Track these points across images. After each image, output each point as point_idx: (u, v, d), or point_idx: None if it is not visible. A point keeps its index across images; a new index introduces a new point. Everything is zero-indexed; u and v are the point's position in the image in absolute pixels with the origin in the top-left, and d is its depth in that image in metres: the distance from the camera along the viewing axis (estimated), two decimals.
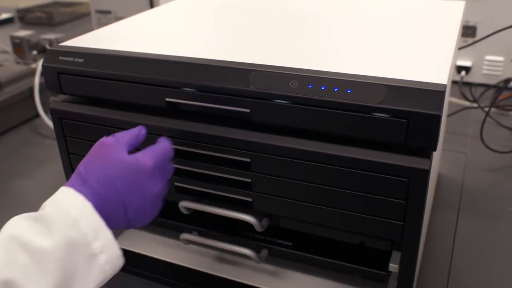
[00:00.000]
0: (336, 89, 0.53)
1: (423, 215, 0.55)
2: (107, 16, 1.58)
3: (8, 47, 1.64)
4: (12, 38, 1.60)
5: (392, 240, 0.63)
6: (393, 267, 0.60)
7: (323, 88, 0.53)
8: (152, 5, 1.51)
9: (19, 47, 1.59)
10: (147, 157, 0.54)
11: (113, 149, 0.53)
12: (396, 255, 0.60)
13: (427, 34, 0.70)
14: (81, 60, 0.65)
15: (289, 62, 0.58)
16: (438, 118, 0.49)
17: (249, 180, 0.61)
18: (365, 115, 0.52)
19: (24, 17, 2.17)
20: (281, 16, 0.81)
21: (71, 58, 0.66)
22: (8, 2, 2.45)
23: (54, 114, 0.69)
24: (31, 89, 1.32)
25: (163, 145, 0.57)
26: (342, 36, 0.70)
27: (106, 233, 0.49)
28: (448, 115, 1.24)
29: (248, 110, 0.57)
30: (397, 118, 0.51)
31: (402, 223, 0.56)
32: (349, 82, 0.53)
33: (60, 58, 0.66)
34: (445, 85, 0.51)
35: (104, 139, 0.54)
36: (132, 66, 0.62)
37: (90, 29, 1.67)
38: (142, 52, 0.63)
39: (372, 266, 0.64)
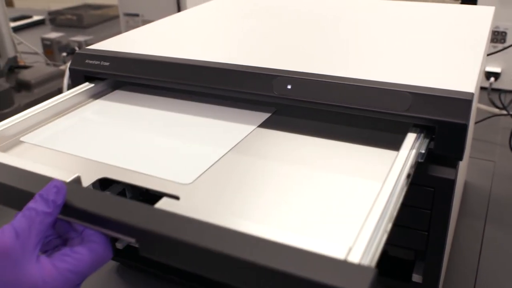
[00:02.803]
0: (360, 96, 0.52)
1: (448, 225, 0.54)
2: (135, 19, 1.60)
3: (39, 49, 1.67)
4: (43, 40, 1.63)
5: (416, 250, 0.62)
6: (417, 277, 0.59)
7: (347, 95, 0.53)
8: (179, 8, 1.52)
9: (50, 49, 1.62)
10: (60, 279, 0.39)
11: (11, 260, 0.37)
12: (420, 265, 0.59)
13: (455, 40, 0.69)
14: (107, 64, 0.66)
15: (314, 69, 0.57)
16: (464, 127, 0.48)
17: None
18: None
19: (55, 19, 2.21)
20: (306, 22, 0.81)
21: (97, 61, 0.66)
22: (40, 5, 2.50)
23: None
24: (60, 91, 1.34)
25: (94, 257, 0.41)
26: (367, 43, 0.69)
27: None
28: (476, 122, 1.22)
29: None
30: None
31: (426, 233, 0.55)
32: (374, 89, 0.52)
33: (86, 61, 0.67)
34: (472, 94, 0.50)
35: (0, 242, 0.37)
36: (157, 70, 0.63)
37: (119, 31, 1.69)
38: (166, 56, 0.64)
39: (395, 276, 0.63)
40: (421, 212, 0.54)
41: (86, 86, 0.67)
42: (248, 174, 0.50)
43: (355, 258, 0.34)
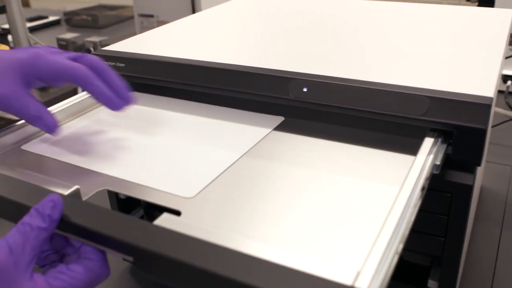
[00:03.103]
0: (377, 100, 0.52)
1: (465, 231, 0.53)
2: (150, 20, 1.60)
3: None
4: (59, 40, 1.64)
5: (432, 256, 0.61)
6: (433, 283, 0.58)
7: (364, 98, 0.52)
8: (194, 9, 1.52)
9: (65, 49, 1.63)
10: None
11: (6, 279, 0.36)
12: (436, 271, 0.58)
13: (473, 43, 0.68)
14: (123, 65, 0.66)
15: (330, 72, 0.57)
16: (483, 133, 0.48)
17: None
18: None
19: (70, 19, 2.22)
20: (322, 25, 0.81)
21: (112, 62, 0.67)
22: (55, 5, 2.52)
23: None
24: (74, 91, 1.35)
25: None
26: (384, 46, 0.69)
27: None
28: (493, 126, 1.21)
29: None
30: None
31: (443, 238, 0.54)
32: (391, 93, 0.52)
33: None
34: (491, 98, 0.49)
35: None
36: (172, 71, 0.63)
37: (134, 32, 1.70)
38: (182, 58, 0.64)
39: (410, 282, 0.62)
40: (438, 217, 0.53)
41: None
42: (256, 181, 0.48)
43: (363, 284, 0.33)
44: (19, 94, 0.50)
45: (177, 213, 0.43)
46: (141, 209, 0.74)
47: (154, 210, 0.73)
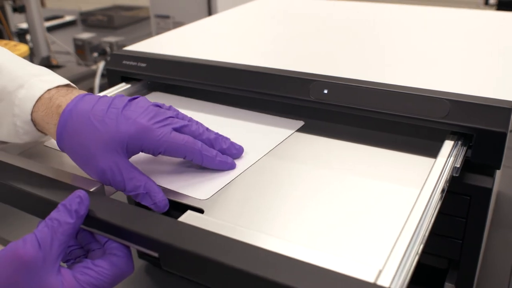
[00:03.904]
0: (398, 103, 0.52)
1: (483, 234, 0.53)
2: (166, 21, 1.61)
3: (71, 49, 1.70)
4: (75, 40, 1.66)
5: (449, 259, 0.62)
6: (449, 286, 0.58)
7: (384, 101, 0.53)
8: (210, 10, 1.53)
9: (81, 49, 1.65)
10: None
11: (32, 272, 0.37)
12: (452, 274, 0.58)
13: (493, 47, 0.68)
14: (144, 65, 0.66)
15: (350, 74, 0.57)
16: (504, 136, 0.48)
17: None
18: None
19: (86, 19, 2.24)
20: (342, 28, 0.81)
21: (134, 62, 0.67)
22: (71, 5, 2.54)
23: None
24: (91, 90, 1.37)
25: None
26: (404, 49, 0.69)
27: None
28: (511, 130, 1.20)
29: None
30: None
31: (461, 241, 0.54)
32: (412, 96, 0.52)
33: (123, 62, 0.68)
34: None
35: (20, 248, 0.37)
36: (193, 72, 0.63)
37: (149, 32, 1.72)
38: (203, 59, 0.64)
39: (427, 284, 0.62)
40: (456, 220, 0.53)
41: (123, 86, 0.68)
42: (278, 182, 0.49)
43: (385, 282, 0.33)
44: (123, 168, 0.45)
45: (200, 211, 0.44)
46: None
47: (170, 209, 0.74)
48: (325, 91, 0.55)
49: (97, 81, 1.34)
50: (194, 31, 0.80)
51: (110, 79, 0.69)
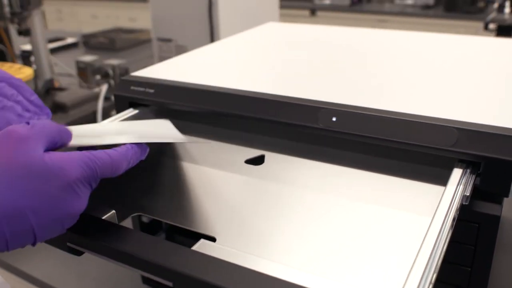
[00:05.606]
0: (406, 131, 0.53)
1: (492, 261, 0.53)
2: (168, 44, 1.62)
3: (73, 71, 1.71)
4: (78, 62, 1.66)
5: (457, 286, 0.61)
6: None
7: (393, 129, 0.53)
8: (212, 34, 1.54)
9: (83, 72, 1.65)
10: (75, 165, 0.40)
11: (25, 145, 0.39)
12: None
13: (499, 74, 0.69)
14: (152, 91, 0.67)
15: (359, 102, 0.58)
16: (511, 164, 0.48)
17: None
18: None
19: (88, 42, 2.26)
20: (350, 55, 0.82)
21: (142, 88, 0.68)
22: (73, 28, 2.56)
23: None
24: (94, 113, 1.37)
25: (114, 156, 0.44)
26: (413, 77, 0.70)
27: None
28: None
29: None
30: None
31: (469, 268, 0.54)
32: (421, 124, 0.52)
33: (131, 88, 0.69)
34: None
35: (15, 127, 0.40)
36: (201, 98, 0.64)
37: (151, 55, 1.72)
38: (212, 85, 0.65)
39: None
40: (465, 247, 0.53)
41: (131, 112, 0.68)
42: (285, 208, 0.49)
43: None
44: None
45: (212, 239, 0.44)
46: (163, 233, 0.75)
47: (175, 233, 0.74)
48: (334, 119, 0.56)
49: (100, 104, 1.34)
50: (201, 57, 0.81)
51: (118, 104, 0.70)
